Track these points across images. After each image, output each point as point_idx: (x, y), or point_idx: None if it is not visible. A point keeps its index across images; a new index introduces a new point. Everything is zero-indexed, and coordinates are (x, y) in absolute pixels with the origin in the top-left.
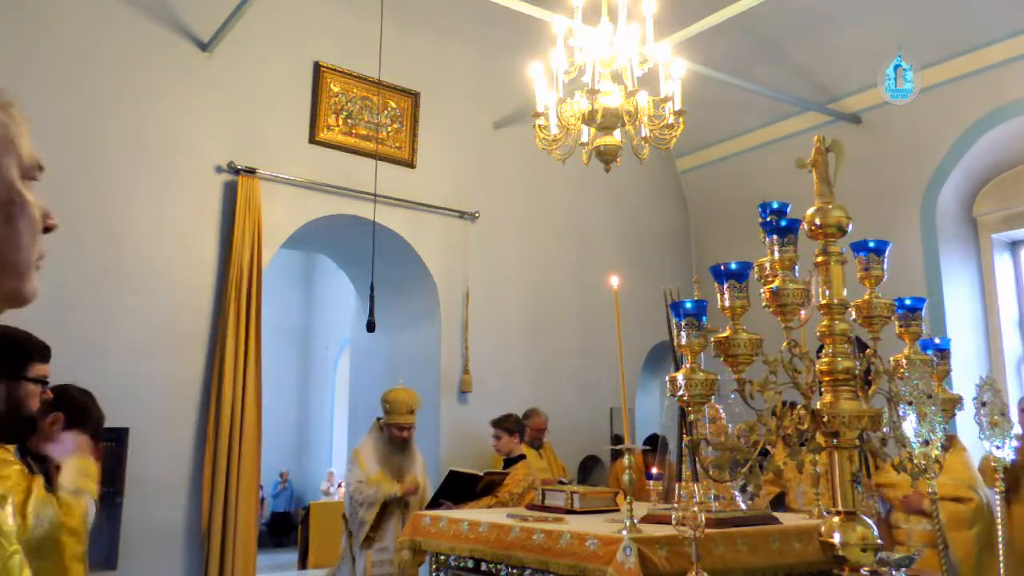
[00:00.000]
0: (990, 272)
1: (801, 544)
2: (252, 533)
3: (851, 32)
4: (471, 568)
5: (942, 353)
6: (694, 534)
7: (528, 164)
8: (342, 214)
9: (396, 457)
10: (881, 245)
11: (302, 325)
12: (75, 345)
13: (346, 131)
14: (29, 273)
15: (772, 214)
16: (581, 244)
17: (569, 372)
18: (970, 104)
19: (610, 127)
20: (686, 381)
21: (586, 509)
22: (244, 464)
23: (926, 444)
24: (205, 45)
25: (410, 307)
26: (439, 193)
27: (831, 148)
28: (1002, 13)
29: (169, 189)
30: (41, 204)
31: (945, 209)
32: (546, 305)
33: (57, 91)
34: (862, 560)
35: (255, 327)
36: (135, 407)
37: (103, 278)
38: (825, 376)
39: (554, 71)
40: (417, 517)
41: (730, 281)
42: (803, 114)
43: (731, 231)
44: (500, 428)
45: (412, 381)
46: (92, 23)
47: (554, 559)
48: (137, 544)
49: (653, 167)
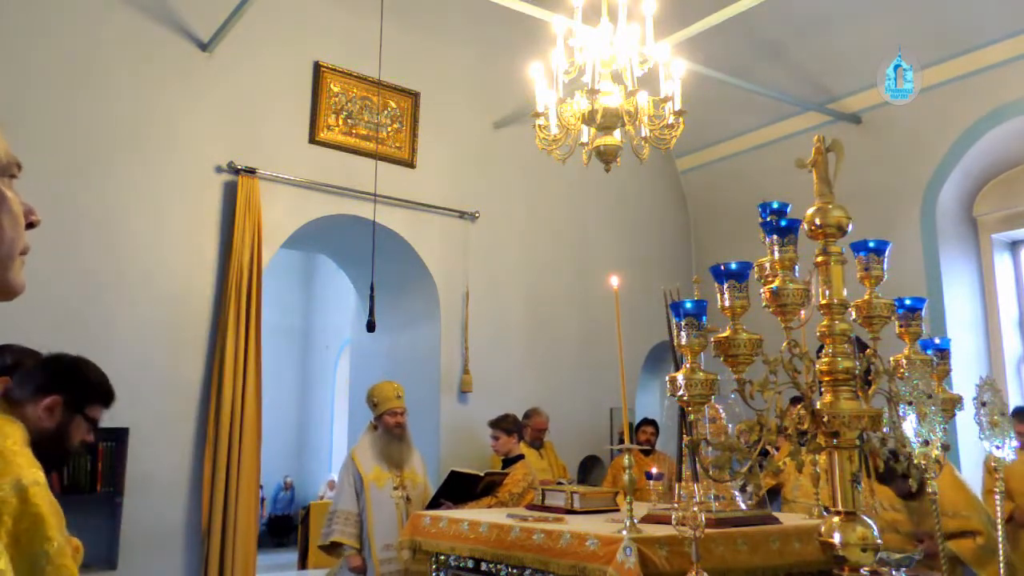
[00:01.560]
0: (990, 272)
1: (801, 544)
2: (252, 533)
3: (851, 32)
4: (471, 568)
5: (942, 353)
6: (694, 534)
7: (528, 164)
8: (342, 214)
9: (394, 448)
10: (881, 245)
11: (302, 325)
12: (75, 345)
13: (346, 131)
14: (13, 264)
15: (772, 214)
16: (581, 244)
17: (569, 372)
18: (970, 104)
19: (610, 127)
20: (686, 381)
21: (586, 509)
22: (244, 464)
23: (926, 444)
24: (205, 45)
25: (410, 307)
26: (439, 193)
27: (831, 148)
28: (1002, 13)
29: (169, 189)
30: (24, 201)
31: (945, 209)
32: (546, 305)
33: (57, 91)
34: (862, 560)
35: (255, 327)
36: (135, 407)
37: (103, 278)
38: (825, 376)
39: (554, 71)
40: (417, 517)
41: (730, 281)
42: (803, 114)
43: (731, 231)
44: (498, 428)
45: (412, 381)
46: (92, 23)
47: (554, 559)
48: (137, 544)
49: (653, 167)
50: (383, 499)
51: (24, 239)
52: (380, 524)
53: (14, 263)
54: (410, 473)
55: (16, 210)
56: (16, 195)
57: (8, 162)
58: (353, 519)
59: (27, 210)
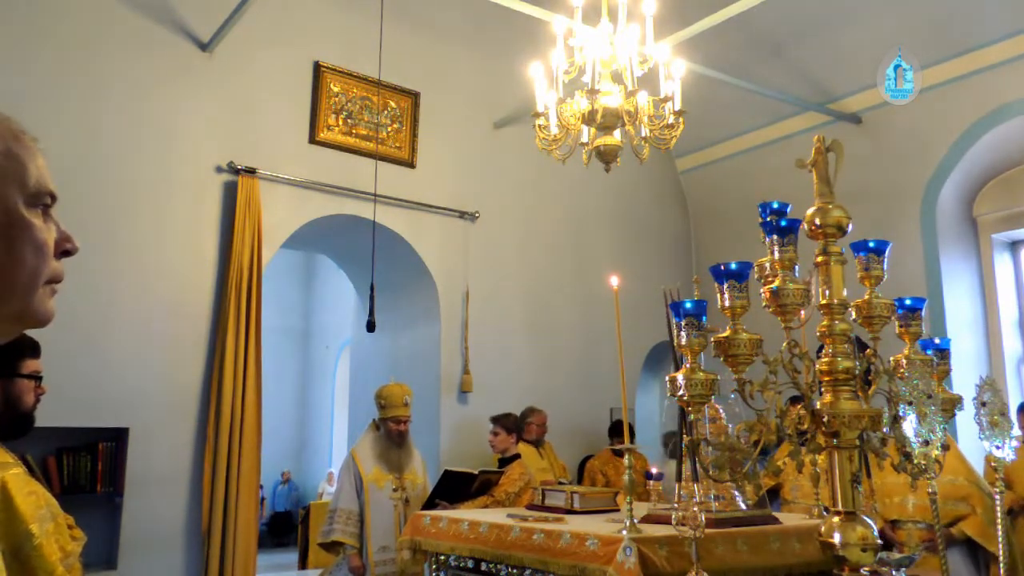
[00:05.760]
0: (990, 272)
1: (801, 544)
2: (252, 533)
3: (851, 32)
4: (471, 568)
5: (942, 353)
6: (694, 534)
7: (528, 164)
8: (342, 214)
9: (394, 452)
10: (881, 245)
11: (302, 325)
12: (75, 345)
13: (346, 131)
14: (35, 293)
15: (772, 214)
16: (581, 244)
17: (569, 372)
18: (970, 104)
19: (610, 127)
20: (686, 381)
21: (586, 509)
22: (244, 464)
23: (926, 444)
24: (205, 45)
25: (410, 307)
26: (439, 193)
27: (831, 148)
28: (1002, 13)
29: (169, 189)
30: (63, 229)
31: (945, 209)
32: (546, 305)
33: (57, 91)
34: (862, 560)
35: (255, 327)
36: (135, 407)
37: (103, 278)
38: (825, 376)
39: (554, 71)
40: (417, 517)
41: (730, 281)
42: (803, 114)
43: (731, 231)
44: (498, 424)
45: (412, 381)
46: (92, 23)
47: (554, 559)
48: (137, 544)
49: (653, 167)
50: (382, 500)
51: (52, 268)
52: (378, 525)
53: (36, 292)
54: (410, 475)
55: (40, 239)
56: (49, 224)
57: (38, 191)
58: (354, 518)
59: (63, 238)
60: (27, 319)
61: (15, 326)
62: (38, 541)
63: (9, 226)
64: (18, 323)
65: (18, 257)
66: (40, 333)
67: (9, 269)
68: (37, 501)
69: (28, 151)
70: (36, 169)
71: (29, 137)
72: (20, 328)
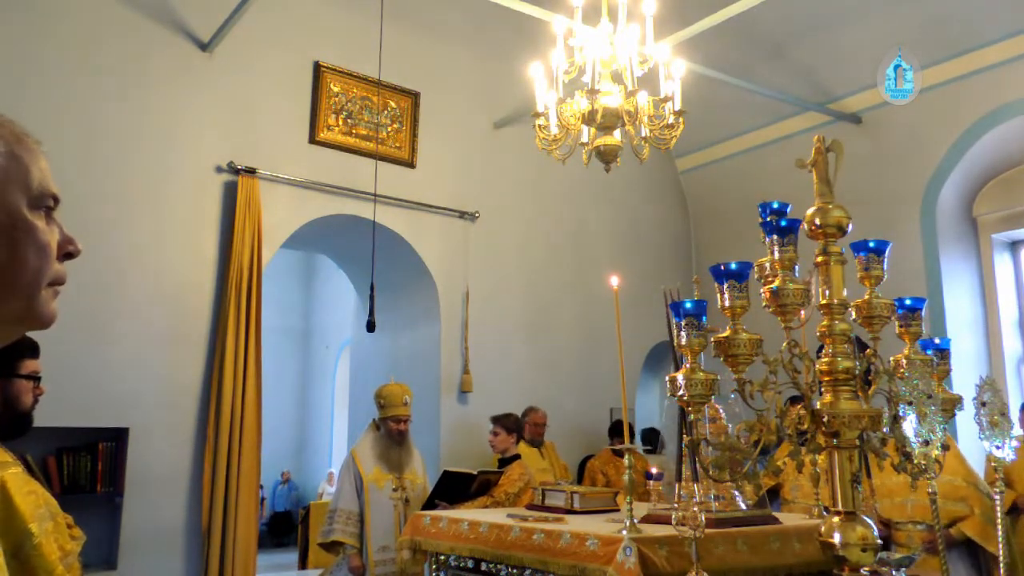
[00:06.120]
0: (990, 272)
1: (801, 544)
2: (252, 533)
3: (851, 32)
4: (471, 568)
5: (942, 353)
6: (694, 534)
7: (528, 164)
8: (342, 214)
9: (394, 452)
10: (881, 245)
11: (302, 325)
12: (75, 345)
13: (346, 131)
14: (37, 295)
15: (772, 214)
16: (581, 244)
17: (569, 372)
18: (970, 104)
19: (610, 127)
20: (686, 381)
21: (586, 509)
22: (244, 464)
23: (926, 444)
24: (205, 45)
25: (410, 307)
26: (439, 193)
27: (831, 148)
28: (1002, 13)
29: (169, 189)
30: (64, 231)
31: (945, 209)
32: (546, 305)
33: (57, 91)
34: (862, 560)
35: (255, 327)
36: (135, 407)
37: (103, 278)
38: (825, 376)
39: (554, 71)
40: (417, 517)
41: (730, 281)
42: (803, 114)
43: (731, 231)
44: (499, 424)
45: (412, 381)
46: (92, 23)
47: (554, 559)
48: (137, 544)
49: (653, 167)
50: (382, 500)
51: (55, 270)
52: (378, 525)
53: (38, 293)
54: (410, 475)
55: (43, 240)
56: (51, 226)
57: (41, 193)
58: (354, 518)
59: (66, 240)
60: (30, 321)
61: (17, 328)
62: (38, 540)
63: (12, 228)
64: (20, 325)
65: (21, 259)
66: (40, 333)
67: (12, 271)
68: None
69: (31, 153)
70: (39, 171)
71: (32, 139)
72: (23, 330)
